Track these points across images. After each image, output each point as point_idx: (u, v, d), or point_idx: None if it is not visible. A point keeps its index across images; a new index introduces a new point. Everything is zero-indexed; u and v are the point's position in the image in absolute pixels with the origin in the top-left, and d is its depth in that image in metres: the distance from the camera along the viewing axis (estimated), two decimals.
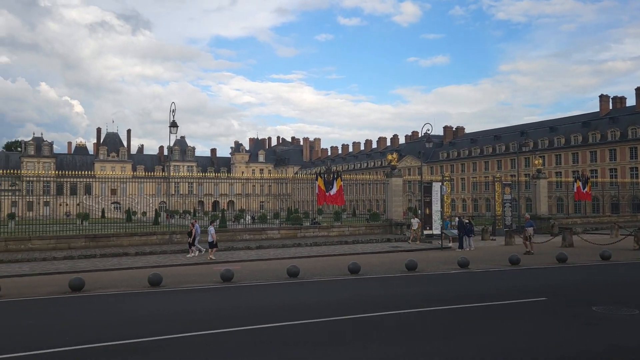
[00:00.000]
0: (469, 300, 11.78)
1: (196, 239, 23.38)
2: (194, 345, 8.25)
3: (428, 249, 26.30)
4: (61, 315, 11.12)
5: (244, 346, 8.21)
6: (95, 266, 19.92)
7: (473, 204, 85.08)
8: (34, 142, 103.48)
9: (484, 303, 11.45)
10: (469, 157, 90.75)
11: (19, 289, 14.49)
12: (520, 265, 18.25)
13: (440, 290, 13.79)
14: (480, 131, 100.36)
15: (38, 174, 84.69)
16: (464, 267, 17.62)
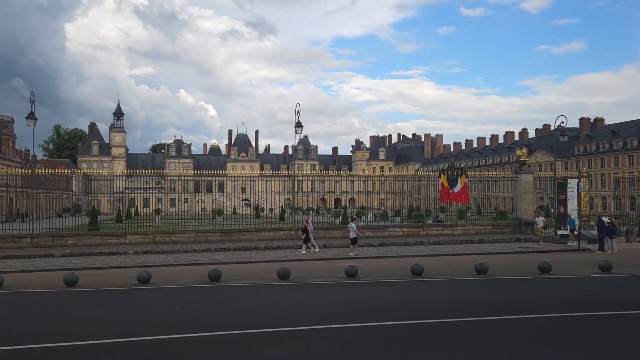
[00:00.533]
0: (615, 307, 10.81)
1: (310, 235, 23.72)
2: (319, 337, 8.59)
3: (562, 250, 24.48)
4: (203, 303, 12.16)
5: (365, 341, 8.37)
6: (230, 259, 21.43)
7: (615, 202, 77.29)
8: (175, 144, 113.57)
9: (634, 311, 10.44)
10: (610, 151, 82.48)
11: (166, 277, 16.10)
12: None
13: (581, 295, 12.81)
14: (623, 122, 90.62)
15: (179, 173, 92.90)
16: (606, 271, 16.16)
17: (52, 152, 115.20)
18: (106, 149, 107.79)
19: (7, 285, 14.50)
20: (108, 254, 23.15)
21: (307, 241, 23.27)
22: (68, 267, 18.49)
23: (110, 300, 12.79)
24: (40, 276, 17.16)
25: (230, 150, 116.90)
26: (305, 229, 23.48)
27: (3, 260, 21.25)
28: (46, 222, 34.14)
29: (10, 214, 54.53)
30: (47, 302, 12.67)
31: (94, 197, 75.49)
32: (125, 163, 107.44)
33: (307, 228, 23.39)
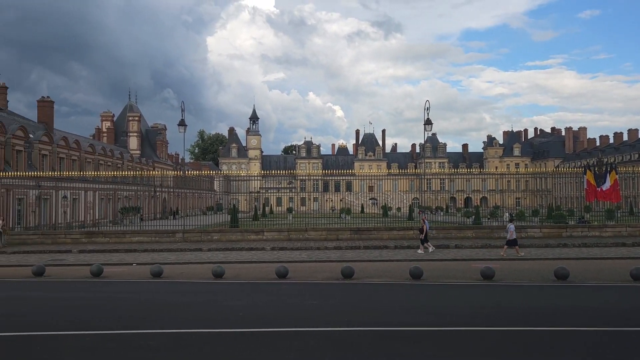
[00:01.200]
0: None
1: (427, 235, 23.18)
2: (458, 338, 8.44)
3: None
4: (338, 298, 12.57)
5: (500, 347, 8.05)
6: (360, 257, 21.78)
7: None
8: (305, 145, 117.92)
9: None
10: None
11: (302, 272, 16.88)
12: None
13: None
14: None
15: (308, 173, 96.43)
16: None
17: (198, 156, 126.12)
18: (243, 152, 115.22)
19: (165, 275, 16.25)
20: (248, 249, 24.81)
21: (425, 241, 22.95)
22: (214, 261, 20.20)
23: (253, 292, 13.74)
24: (191, 268, 18.94)
25: (358, 150, 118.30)
26: (421, 229, 23.13)
27: (160, 253, 23.82)
28: (194, 219, 37.64)
29: (164, 211, 60.77)
30: (199, 291, 13.99)
31: (234, 196, 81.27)
32: (260, 164, 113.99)
33: (423, 227, 23.02)
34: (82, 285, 15.05)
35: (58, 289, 14.66)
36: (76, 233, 29.19)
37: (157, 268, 16.20)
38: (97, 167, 48.87)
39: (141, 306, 11.80)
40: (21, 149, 37.40)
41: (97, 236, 28.18)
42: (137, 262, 20.81)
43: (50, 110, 44.99)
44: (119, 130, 68.42)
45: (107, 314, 10.85)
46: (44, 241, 27.56)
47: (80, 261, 21.04)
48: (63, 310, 11.28)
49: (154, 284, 15.03)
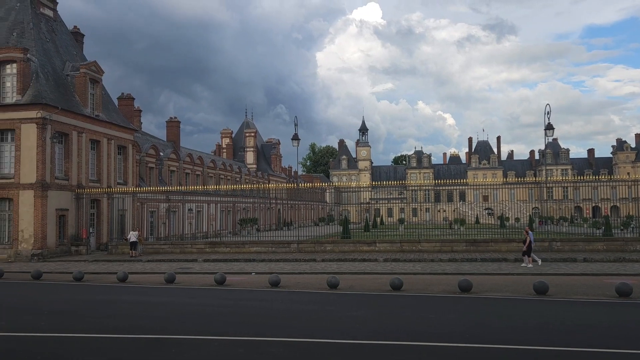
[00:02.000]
0: None
1: (531, 248, 21.65)
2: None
3: None
4: (453, 312, 12.16)
5: None
6: (477, 269, 20.90)
7: None
8: (415, 155, 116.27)
9: None
10: None
11: (416, 285, 16.59)
12: None
13: None
14: None
15: (419, 183, 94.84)
16: None
17: (309, 168, 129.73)
18: (353, 163, 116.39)
19: (282, 284, 16.84)
20: (361, 260, 24.93)
21: (529, 254, 21.52)
22: (328, 271, 20.55)
23: (368, 303, 13.77)
24: (306, 278, 19.44)
25: (471, 159, 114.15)
26: (524, 240, 21.83)
27: (277, 263, 24.75)
28: (307, 230, 38.64)
29: (278, 222, 63.20)
30: (315, 301, 14.31)
31: (344, 207, 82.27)
32: (370, 175, 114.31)
33: (527, 239, 21.61)
34: (207, 293, 16.10)
35: (187, 295, 15.81)
36: (200, 243, 31.32)
37: (275, 277, 16.84)
38: (218, 181, 52.19)
39: (263, 313, 12.34)
40: (153, 165, 41.08)
41: (219, 246, 29.99)
42: (256, 271, 21.80)
43: (177, 129, 49.00)
44: (237, 145, 72.58)
45: (233, 319, 11.48)
46: (173, 250, 29.92)
47: (205, 270, 22.52)
48: (192, 315, 12.13)
49: (273, 293, 15.64)
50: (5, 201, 27.96)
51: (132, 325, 10.84)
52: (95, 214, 32.07)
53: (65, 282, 18.88)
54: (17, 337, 9.85)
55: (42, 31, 31.25)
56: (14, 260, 26.77)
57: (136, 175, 37.11)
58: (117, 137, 34.13)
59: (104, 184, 32.21)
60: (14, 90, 27.87)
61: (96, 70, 32.49)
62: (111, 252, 30.01)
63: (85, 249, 29.63)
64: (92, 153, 31.99)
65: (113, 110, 35.22)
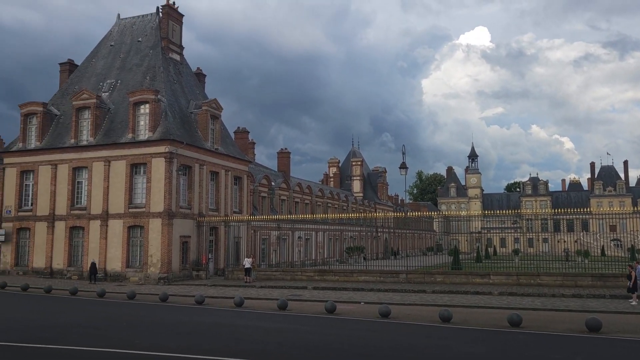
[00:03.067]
0: None
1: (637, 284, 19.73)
2: None
3: None
4: (581, 354, 11.24)
5: None
6: (607, 307, 19.16)
7: None
8: (530, 182, 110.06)
9: None
10: None
11: (536, 321, 15.57)
12: None
13: None
14: None
15: (535, 212, 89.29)
16: None
17: (416, 196, 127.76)
18: (462, 191, 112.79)
19: (392, 315, 16.66)
20: (474, 292, 23.92)
21: (634, 291, 19.89)
22: (439, 303, 19.97)
23: (485, 339, 13.18)
24: (417, 309, 19.05)
25: (594, 185, 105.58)
26: (629, 275, 20.27)
27: (385, 293, 24.54)
28: (414, 259, 37.94)
29: (385, 251, 62.72)
30: (428, 335, 13.98)
31: (453, 237, 79.75)
32: (480, 203, 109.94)
33: (631, 274, 20.05)
34: (317, 321, 16.38)
35: (298, 322, 16.22)
36: (310, 271, 31.99)
37: (385, 308, 16.73)
38: (326, 209, 53.24)
39: (374, 346, 12.31)
40: (265, 195, 43.01)
41: (328, 274, 30.42)
42: (365, 300, 21.78)
43: (287, 160, 51.01)
44: (343, 174, 73.74)
45: (343, 351, 11.59)
46: (284, 277, 30.87)
47: (314, 297, 22.93)
48: (303, 342, 12.42)
49: (384, 324, 15.53)
50: (137, 229, 30.78)
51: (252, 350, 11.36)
52: (214, 241, 34.14)
53: (188, 305, 20.24)
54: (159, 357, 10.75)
55: (170, 74, 34.52)
56: (143, 283, 29.22)
57: (250, 204, 39.07)
58: (234, 168, 36.32)
59: (222, 213, 34.27)
60: (147, 128, 30.90)
61: (216, 107, 35.06)
62: (227, 277, 31.66)
63: (204, 274, 31.56)
64: (212, 184, 34.30)
65: (230, 144, 37.65)
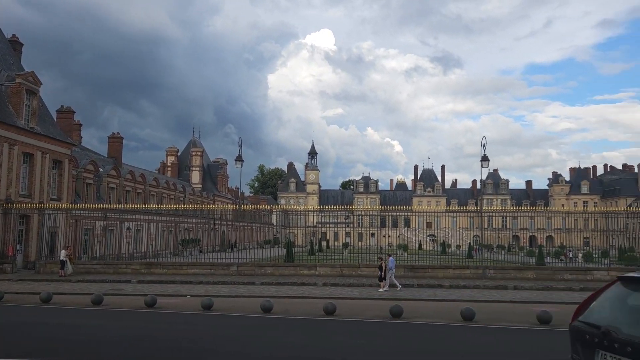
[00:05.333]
0: None
1: (388, 273, 22.73)
2: None
3: None
4: (382, 338, 12.24)
5: None
6: (413, 295, 21.24)
7: None
8: (362, 180, 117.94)
9: None
10: None
11: (351, 310, 16.63)
12: None
13: None
14: None
15: (366, 209, 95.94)
16: None
17: (257, 189, 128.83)
18: (302, 186, 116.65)
19: (215, 307, 16.47)
20: (300, 284, 24.81)
21: (381, 279, 22.80)
22: (266, 295, 20.30)
23: (300, 328, 13.67)
24: (242, 302, 19.12)
25: (416, 186, 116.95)
26: (380, 266, 23.01)
27: (214, 285, 24.24)
28: (250, 252, 38.20)
29: (222, 243, 62.14)
30: (245, 325, 14.07)
31: (291, 230, 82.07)
32: (318, 199, 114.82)
33: (382, 265, 22.87)
34: (134, 316, 15.51)
35: (111, 317, 15.17)
36: (136, 264, 30.29)
37: (208, 301, 16.47)
38: (161, 200, 50.92)
39: (191, 339, 11.99)
40: (91, 182, 39.63)
41: (156, 267, 29.11)
42: (192, 293, 21.26)
43: (119, 145, 47.65)
44: (182, 164, 71.30)
45: (154, 345, 11.09)
46: (106, 271, 28.77)
47: (137, 291, 21.74)
48: (111, 337, 11.65)
49: (205, 317, 15.27)
50: None
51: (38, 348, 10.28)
52: (24, 231, 30.50)
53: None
54: None
55: None
56: None
57: (72, 191, 35.69)
58: (53, 150, 32.82)
59: (36, 199, 30.78)
60: None
61: (33, 81, 31.31)
62: (39, 271, 28.53)
63: (10, 267, 28.03)
64: (24, 167, 30.59)
65: (50, 123, 33.92)
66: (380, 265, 23.12)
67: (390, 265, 22.99)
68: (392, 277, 23.15)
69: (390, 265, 22.95)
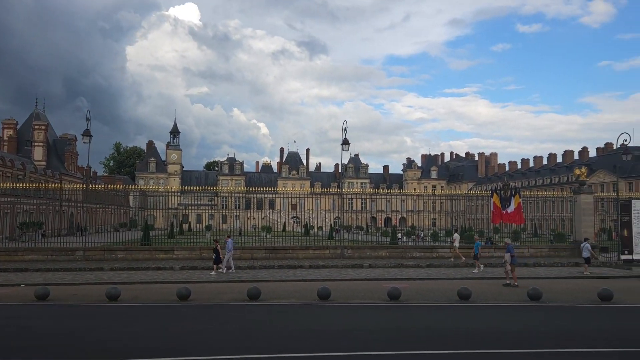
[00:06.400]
0: None
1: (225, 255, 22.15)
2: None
3: (627, 276, 22.78)
4: (240, 322, 11.87)
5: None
6: (274, 276, 21.20)
7: None
8: (227, 162, 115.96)
9: None
10: None
11: (207, 294, 16.01)
12: None
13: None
14: None
15: (230, 190, 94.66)
16: None
17: (113, 169, 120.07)
18: (162, 166, 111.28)
19: (53, 297, 14.78)
20: (155, 268, 23.46)
21: (218, 261, 21.86)
22: (115, 281, 18.78)
23: (149, 316, 12.76)
24: (87, 289, 17.46)
25: (282, 168, 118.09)
26: (216, 249, 22.03)
27: (55, 273, 21.91)
28: (100, 236, 35.31)
29: (70, 227, 56.92)
30: (85, 316, 12.78)
31: (150, 213, 77.82)
32: (180, 180, 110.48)
33: (217, 248, 21.95)
34: None
35: None
36: None
37: (43, 290, 14.71)
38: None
39: (27, 329, 10.50)
40: None
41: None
42: (27, 282, 18.93)
43: None
44: (22, 139, 63.64)
45: None
46: None
47: None
48: None
49: (40, 307, 13.61)
50: None
51: None
52: None
53: None
54: None
55: None
56: None
57: None
58: None
59: None
60: None
61: None
62: None
63: None
64: None
65: None
66: (216, 247, 22.08)
67: (229, 247, 22.52)
68: (230, 259, 22.63)
69: (229, 247, 22.47)
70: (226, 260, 22.35)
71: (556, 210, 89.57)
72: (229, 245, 22.73)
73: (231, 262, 22.68)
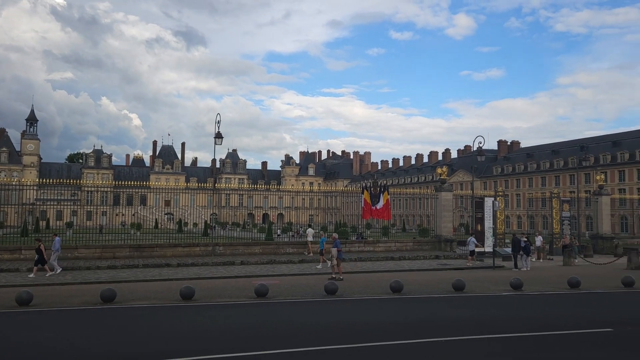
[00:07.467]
0: (523, 328, 10.57)
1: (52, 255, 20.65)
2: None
3: (479, 267, 24.84)
4: (93, 328, 10.74)
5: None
6: (136, 276, 19.84)
7: (529, 221, 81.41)
8: (94, 154, 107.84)
9: (539, 332, 10.22)
10: (525, 172, 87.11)
11: (53, 297, 14.40)
12: (580, 289, 16.67)
13: (490, 314, 12.58)
14: (536, 145, 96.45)
15: (96, 184, 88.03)
16: (517, 289, 16.25)
17: None
18: (17, 157, 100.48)
19: None
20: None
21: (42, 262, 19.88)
22: None
23: None
24: None
25: (155, 162, 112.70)
26: (39, 249, 19.93)
27: None
28: None
29: None
30: None
31: (1, 208, 69.78)
32: (37, 172, 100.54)
33: (40, 248, 19.87)
34: None
35: None
36: None
37: None
38: None
39: None
40: None
41: None
42: None
43: None
44: None
45: None
46: None
47: None
48: None
49: None
50: None
51: None
52: None
53: None
54: None
55: None
56: None
57: None
58: None
59: None
60: None
61: None
62: None
63: None
64: None
65: None
66: (38, 247, 19.92)
67: (57, 245, 20.91)
68: (55, 260, 20.68)
69: (56, 245, 20.86)
70: (53, 260, 20.45)
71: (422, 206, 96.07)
72: (56, 244, 20.86)
73: (54, 263, 20.56)
